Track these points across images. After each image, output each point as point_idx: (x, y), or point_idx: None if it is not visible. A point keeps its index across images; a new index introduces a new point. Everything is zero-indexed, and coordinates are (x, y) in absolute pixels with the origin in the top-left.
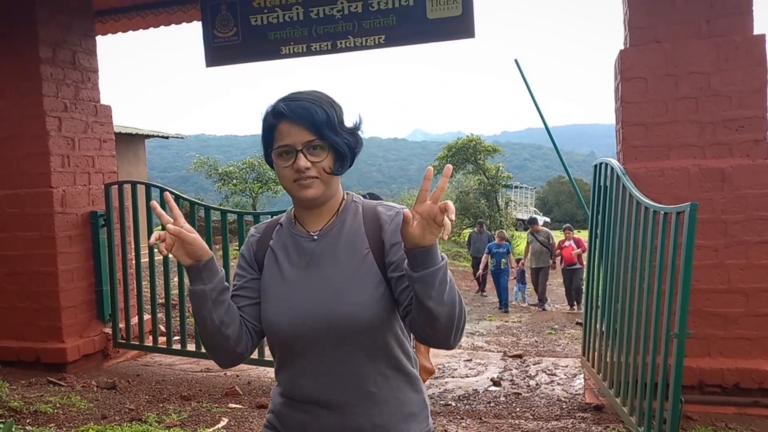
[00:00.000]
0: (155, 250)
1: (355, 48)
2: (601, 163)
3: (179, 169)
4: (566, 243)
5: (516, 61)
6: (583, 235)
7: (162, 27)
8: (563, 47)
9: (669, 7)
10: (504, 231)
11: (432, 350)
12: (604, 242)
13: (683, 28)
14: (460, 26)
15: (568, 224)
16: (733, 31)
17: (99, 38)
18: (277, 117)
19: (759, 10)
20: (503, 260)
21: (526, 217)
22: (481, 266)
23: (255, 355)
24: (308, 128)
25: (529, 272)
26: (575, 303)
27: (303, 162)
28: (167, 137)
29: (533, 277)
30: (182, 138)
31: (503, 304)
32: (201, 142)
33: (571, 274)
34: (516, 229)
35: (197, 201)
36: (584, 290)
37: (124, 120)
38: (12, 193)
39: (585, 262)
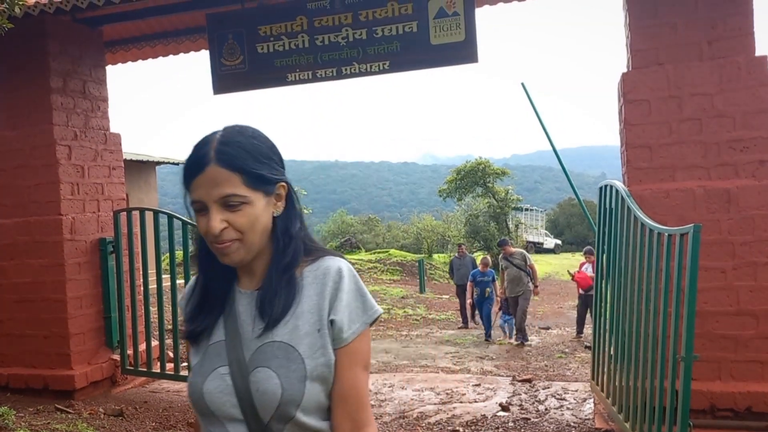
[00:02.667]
0: (163, 276)
1: (360, 74)
2: (606, 185)
3: None
4: (582, 268)
5: (523, 84)
6: None
7: (171, 56)
8: (575, 67)
9: (670, 30)
10: (488, 257)
11: (441, 375)
12: (610, 265)
13: (685, 50)
14: (464, 51)
15: (589, 247)
16: (736, 52)
17: (110, 67)
18: None
19: (761, 32)
20: (488, 289)
21: (536, 239)
22: (468, 294)
23: None
24: None
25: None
26: (581, 333)
27: None
28: (178, 164)
29: (512, 307)
30: None
31: (487, 335)
32: None
33: (589, 300)
34: (527, 251)
35: None
36: (593, 313)
37: (137, 147)
38: (23, 221)
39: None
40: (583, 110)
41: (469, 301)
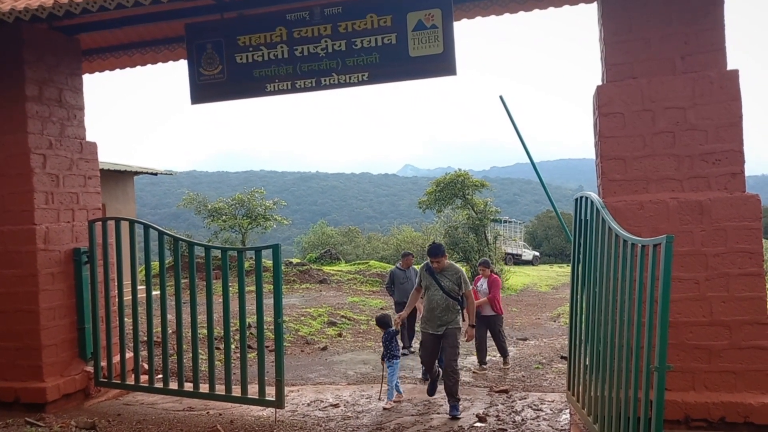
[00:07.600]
0: (138, 287)
1: (339, 85)
2: (581, 197)
3: (170, 206)
4: (477, 284)
5: (501, 97)
6: (566, 270)
7: (149, 65)
8: (552, 80)
9: (644, 45)
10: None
11: (418, 386)
12: (586, 275)
13: (659, 64)
14: (442, 64)
15: (484, 258)
16: (708, 67)
17: (88, 76)
18: None
19: (731, 46)
20: None
21: (515, 251)
22: (406, 310)
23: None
24: None
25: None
26: (484, 362)
27: None
28: (156, 174)
29: (426, 349)
30: (172, 174)
31: (431, 388)
32: (192, 179)
33: (484, 322)
34: (505, 263)
35: (181, 237)
36: (569, 324)
37: (115, 157)
38: None
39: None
40: (559, 124)
41: (404, 314)
